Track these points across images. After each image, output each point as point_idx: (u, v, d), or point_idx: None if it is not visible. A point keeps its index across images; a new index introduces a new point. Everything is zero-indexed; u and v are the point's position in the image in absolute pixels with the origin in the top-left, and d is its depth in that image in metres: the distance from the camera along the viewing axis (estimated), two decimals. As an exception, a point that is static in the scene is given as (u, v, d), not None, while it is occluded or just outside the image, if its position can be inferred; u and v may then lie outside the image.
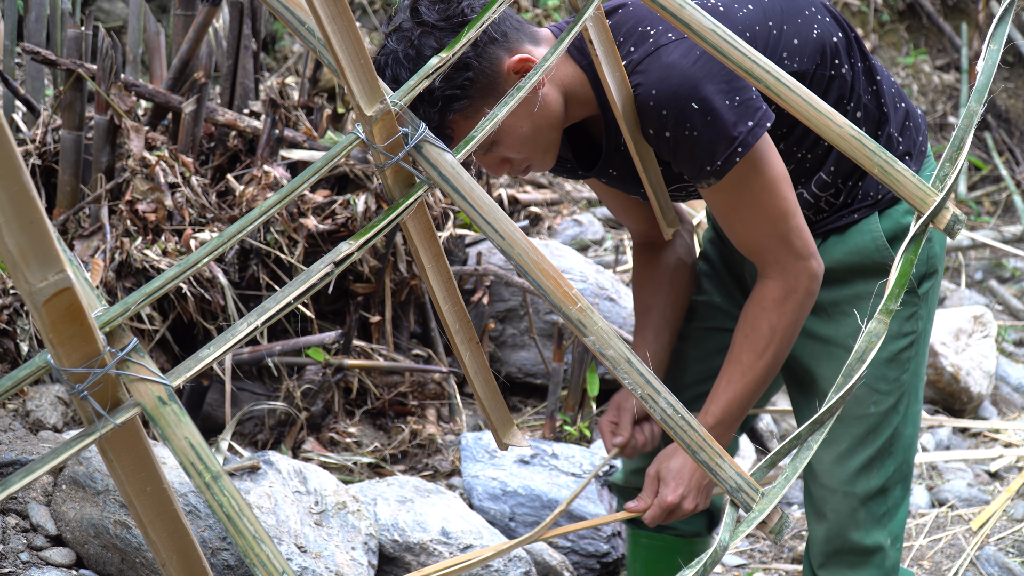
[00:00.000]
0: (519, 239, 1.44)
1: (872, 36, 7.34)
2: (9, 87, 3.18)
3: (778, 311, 1.90)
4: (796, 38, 1.91)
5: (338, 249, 1.35)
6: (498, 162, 1.89)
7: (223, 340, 1.28)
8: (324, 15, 1.25)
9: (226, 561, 2.25)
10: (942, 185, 1.48)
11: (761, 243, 1.89)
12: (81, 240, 3.04)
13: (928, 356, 4.10)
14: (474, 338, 1.62)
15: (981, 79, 1.54)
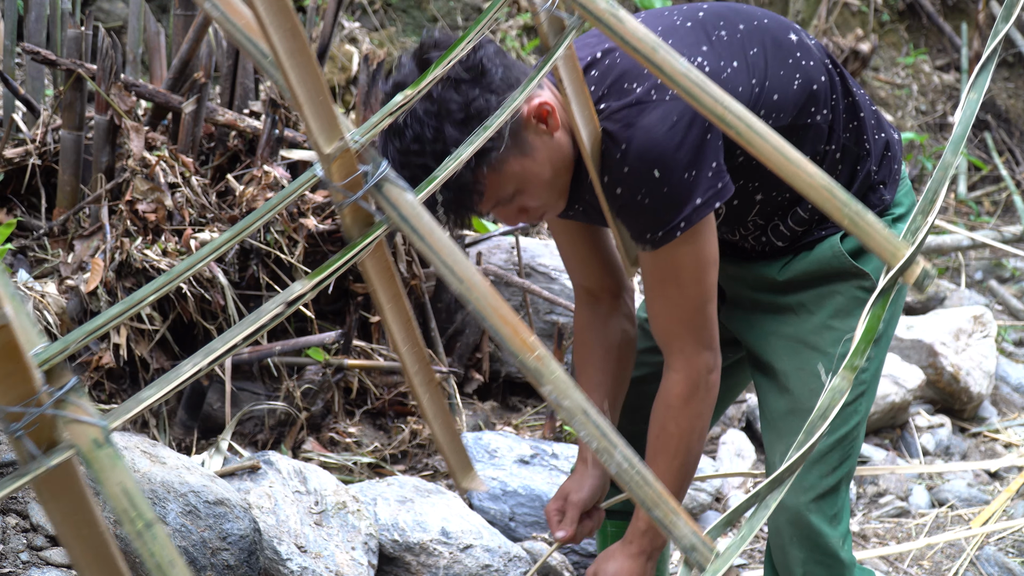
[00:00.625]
0: (478, 283, 1.40)
1: (872, 36, 7.34)
2: (9, 87, 3.18)
3: (685, 411, 1.93)
4: (777, 93, 1.91)
5: (291, 289, 1.31)
6: (517, 211, 1.88)
7: (166, 380, 1.25)
8: (282, 51, 1.22)
9: (226, 561, 2.25)
10: (913, 238, 1.44)
11: (673, 327, 1.91)
12: (81, 240, 3.04)
13: (928, 356, 4.12)
14: (434, 380, 1.58)
15: (958, 130, 1.51)
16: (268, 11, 1.19)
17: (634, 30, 1.50)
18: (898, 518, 3.44)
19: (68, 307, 2.89)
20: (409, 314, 1.51)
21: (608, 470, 1.43)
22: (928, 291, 1.56)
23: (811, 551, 2.05)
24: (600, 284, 2.16)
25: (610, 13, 1.51)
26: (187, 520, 2.25)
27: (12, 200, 3.20)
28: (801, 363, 2.05)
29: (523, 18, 5.89)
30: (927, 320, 4.37)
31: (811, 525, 2.04)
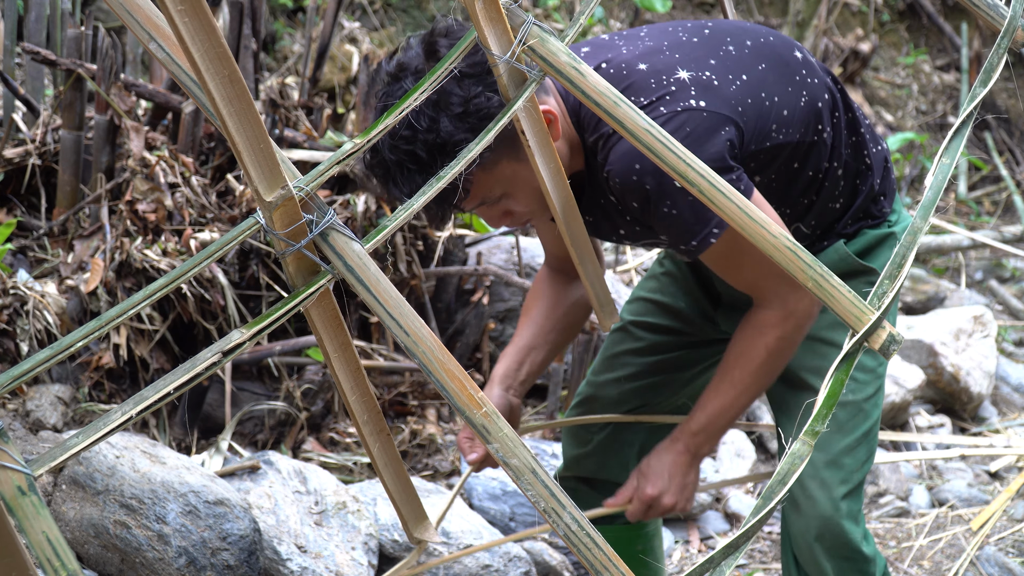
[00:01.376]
0: (425, 336, 1.38)
1: (872, 36, 7.34)
2: (9, 87, 3.18)
3: (775, 334, 1.91)
4: (786, 109, 1.90)
5: (228, 338, 1.29)
6: (500, 214, 1.86)
7: (94, 428, 1.23)
8: (219, 99, 1.19)
9: (226, 561, 2.25)
10: (879, 303, 1.42)
11: (758, 283, 1.90)
12: (81, 240, 3.04)
13: (928, 356, 4.12)
14: (384, 430, 1.55)
15: (928, 195, 1.47)
16: (204, 58, 1.15)
17: (595, 84, 1.47)
18: (898, 518, 3.43)
19: (68, 307, 2.89)
20: (358, 363, 1.47)
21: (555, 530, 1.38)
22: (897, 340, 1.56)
23: (843, 560, 2.04)
24: (569, 261, 2.13)
25: (571, 66, 1.48)
26: (187, 520, 2.25)
27: (12, 200, 3.20)
28: (819, 359, 2.06)
29: (523, 18, 5.89)
30: (927, 320, 4.37)
31: (843, 533, 2.03)
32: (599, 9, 6.34)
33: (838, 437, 2.05)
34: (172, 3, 1.12)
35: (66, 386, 2.82)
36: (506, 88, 1.52)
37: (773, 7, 7.68)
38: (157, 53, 1.33)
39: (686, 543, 3.20)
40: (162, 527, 2.22)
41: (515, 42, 1.48)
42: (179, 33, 1.13)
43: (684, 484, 2.02)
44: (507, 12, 1.48)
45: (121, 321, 1.29)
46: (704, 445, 2.01)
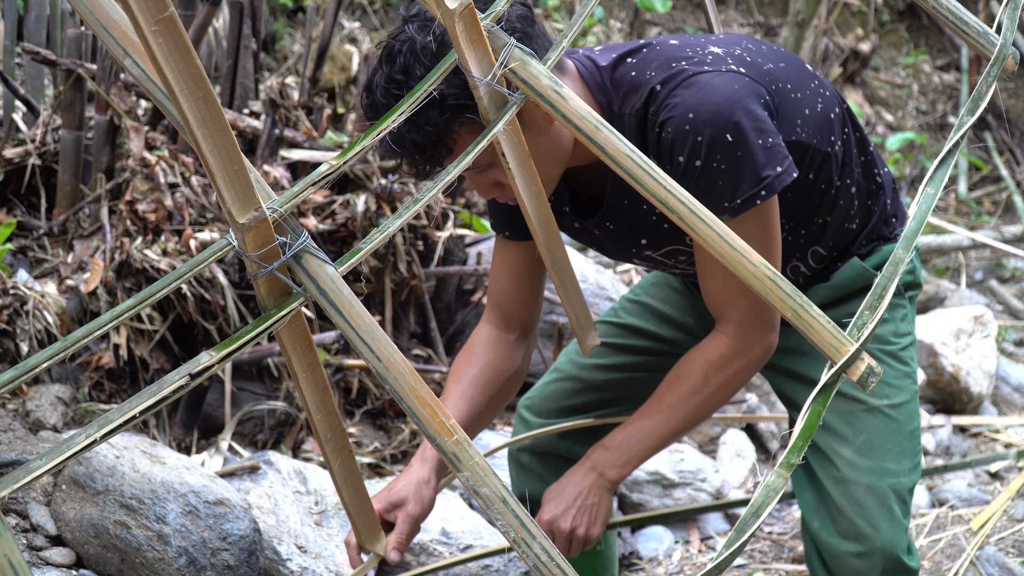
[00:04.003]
0: (397, 361, 1.36)
1: (872, 36, 7.34)
2: (9, 87, 3.18)
3: (718, 367, 1.85)
4: (807, 108, 1.89)
5: (197, 360, 1.28)
6: (490, 184, 1.80)
7: (57, 451, 1.21)
8: (193, 120, 1.18)
9: (226, 561, 2.25)
10: (859, 334, 1.40)
11: (734, 298, 1.83)
12: (81, 240, 3.04)
13: (928, 356, 4.12)
14: (346, 447, 1.52)
15: (911, 224, 1.45)
16: (178, 79, 1.14)
17: (577, 107, 1.45)
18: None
19: (68, 307, 2.89)
20: (326, 383, 1.46)
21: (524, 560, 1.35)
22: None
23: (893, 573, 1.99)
24: (520, 313, 2.08)
25: (553, 90, 1.47)
26: (187, 520, 2.25)
27: (12, 200, 3.20)
28: None
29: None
30: (927, 320, 4.37)
31: (902, 562, 1.97)
32: (599, 9, 6.33)
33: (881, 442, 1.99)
34: (146, 23, 1.10)
35: (66, 386, 2.82)
36: (487, 111, 1.49)
37: (773, 7, 7.68)
38: (132, 69, 1.32)
39: (686, 543, 3.20)
40: (162, 527, 2.22)
41: (496, 64, 1.46)
42: (152, 54, 1.12)
43: (584, 507, 1.89)
44: (489, 34, 1.46)
45: (119, 323, 1.29)
46: (613, 466, 1.89)
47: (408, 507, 1.89)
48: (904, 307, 2.07)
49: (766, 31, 7.42)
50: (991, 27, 1.61)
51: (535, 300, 2.08)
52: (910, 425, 2.02)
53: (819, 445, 2.05)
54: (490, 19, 1.47)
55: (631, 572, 3.03)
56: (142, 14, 1.10)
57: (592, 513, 1.90)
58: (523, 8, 1.72)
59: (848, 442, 2.00)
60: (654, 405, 1.89)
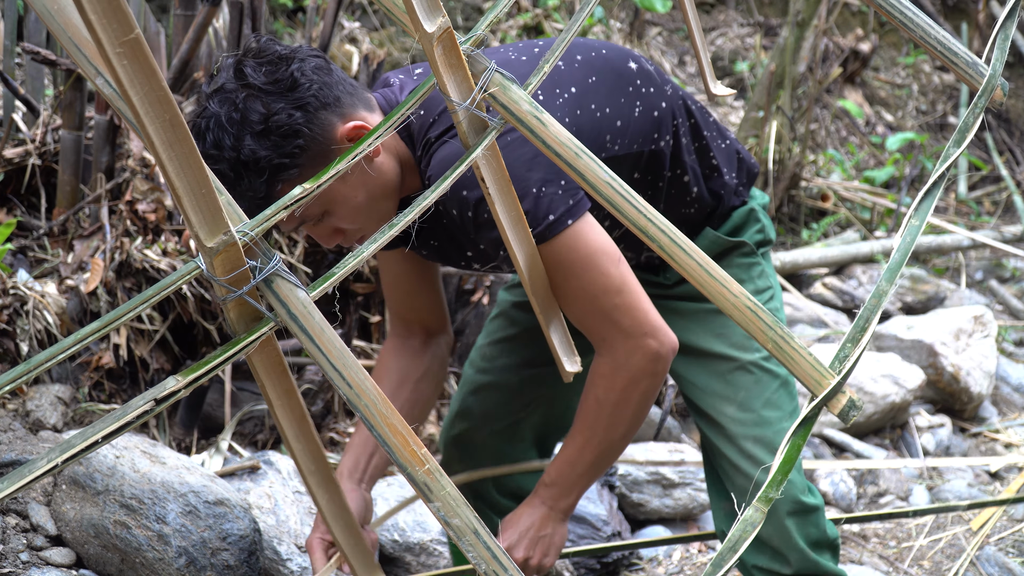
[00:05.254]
0: (368, 389, 1.34)
1: (872, 36, 7.34)
2: (9, 87, 3.18)
3: (605, 386, 1.86)
4: (619, 120, 1.89)
5: (163, 385, 1.26)
6: (330, 233, 1.82)
7: (19, 475, 1.19)
8: (159, 143, 1.15)
9: (226, 561, 2.25)
10: (840, 367, 1.37)
11: (586, 320, 1.84)
12: (81, 240, 3.04)
13: (928, 356, 4.11)
14: (332, 479, 1.49)
15: (896, 257, 1.43)
16: (143, 102, 1.12)
17: (557, 134, 1.45)
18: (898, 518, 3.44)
19: (68, 307, 2.89)
20: (303, 411, 1.43)
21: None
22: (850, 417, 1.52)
23: (798, 515, 2.06)
24: (418, 318, 2.12)
25: (533, 115, 1.46)
26: (187, 520, 2.25)
27: (12, 200, 3.20)
28: (715, 327, 2.09)
29: (523, 18, 5.89)
30: (927, 320, 4.37)
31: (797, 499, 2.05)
32: (599, 9, 6.33)
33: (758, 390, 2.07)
34: (110, 45, 1.08)
35: (66, 386, 2.82)
36: (465, 136, 1.48)
37: (773, 7, 7.67)
38: (104, 89, 1.30)
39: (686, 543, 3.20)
40: (162, 527, 2.22)
41: (476, 89, 1.45)
42: (117, 76, 1.10)
43: (537, 538, 1.95)
44: (469, 59, 1.45)
45: (119, 324, 1.29)
46: (560, 499, 1.95)
47: None
48: (759, 264, 2.14)
49: (766, 31, 7.42)
50: (991, 27, 1.60)
51: (430, 303, 2.14)
52: (781, 372, 2.10)
53: (703, 409, 2.12)
54: (469, 44, 1.46)
55: (631, 572, 3.03)
56: (106, 36, 1.08)
57: (545, 544, 1.96)
58: (318, 59, 1.74)
59: (729, 400, 2.08)
60: (572, 436, 1.93)
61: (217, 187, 1.25)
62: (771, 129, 5.44)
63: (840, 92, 7.10)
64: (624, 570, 3.01)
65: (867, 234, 5.77)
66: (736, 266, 2.12)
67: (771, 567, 2.09)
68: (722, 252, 2.11)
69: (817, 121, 6.66)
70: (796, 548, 2.06)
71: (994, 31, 1.63)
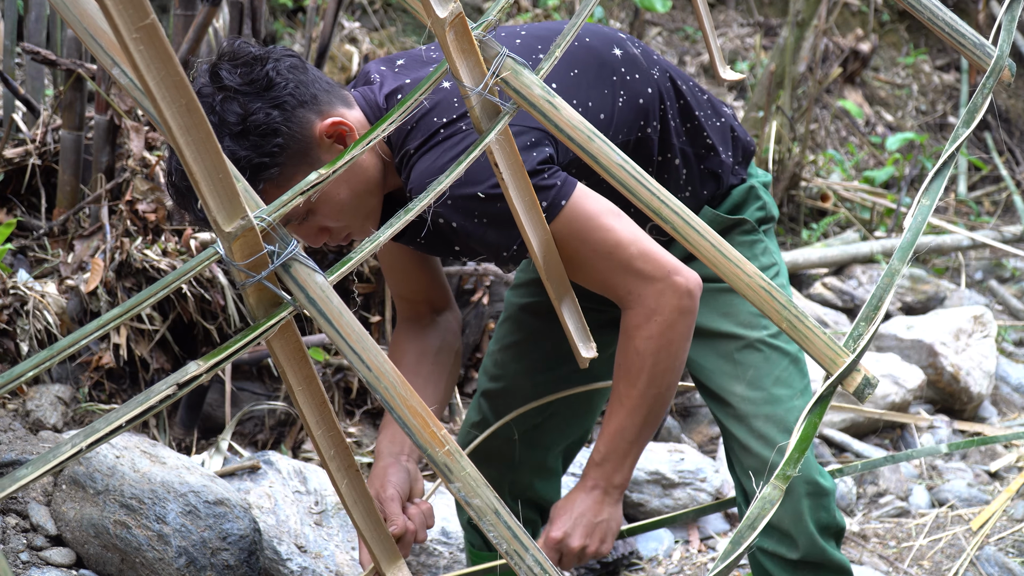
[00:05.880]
0: (387, 371, 1.34)
1: (872, 36, 7.33)
2: (9, 87, 3.18)
3: (641, 336, 1.83)
4: (602, 112, 1.88)
5: (185, 370, 1.26)
6: (316, 232, 1.82)
7: (43, 460, 1.20)
8: (176, 128, 1.16)
9: (226, 561, 2.25)
10: (855, 346, 1.37)
11: (607, 280, 1.82)
12: (81, 240, 3.04)
13: (928, 356, 4.12)
14: (352, 465, 1.48)
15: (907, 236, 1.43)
16: (160, 87, 1.13)
17: (569, 118, 1.44)
18: (898, 518, 3.44)
19: (68, 307, 2.89)
20: (323, 396, 1.43)
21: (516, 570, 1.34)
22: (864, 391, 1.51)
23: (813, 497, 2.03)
24: (422, 297, 2.12)
25: (545, 99, 1.45)
26: (187, 520, 2.25)
27: (12, 200, 3.20)
28: (721, 307, 2.08)
29: (523, 18, 5.89)
30: (927, 320, 4.37)
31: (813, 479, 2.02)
32: (599, 9, 6.34)
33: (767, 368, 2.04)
34: (127, 31, 1.09)
35: (66, 386, 2.82)
36: (479, 120, 1.49)
37: (773, 7, 7.67)
38: (120, 79, 1.30)
39: (686, 543, 3.20)
40: (162, 527, 2.22)
41: (488, 74, 1.45)
42: (134, 61, 1.10)
43: (593, 524, 1.91)
44: (480, 44, 1.45)
45: (119, 323, 1.29)
46: (614, 474, 1.90)
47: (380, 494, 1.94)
48: (762, 241, 2.12)
49: (766, 31, 7.42)
50: (991, 27, 1.60)
51: (431, 281, 2.13)
52: (792, 350, 2.07)
53: (712, 390, 2.09)
54: (481, 28, 1.46)
55: (631, 572, 3.03)
56: (122, 21, 1.08)
57: (603, 529, 1.92)
58: (293, 59, 1.74)
59: (738, 379, 2.04)
60: (614, 404, 1.89)
61: (234, 173, 1.25)
62: (771, 129, 5.44)
63: (840, 92, 7.10)
64: (624, 570, 3.01)
65: (867, 234, 5.77)
66: (738, 244, 2.09)
67: (777, 550, 2.05)
68: (723, 231, 2.07)
69: (817, 121, 6.66)
70: (806, 531, 2.03)
71: (1000, 13, 1.63)
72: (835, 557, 2.08)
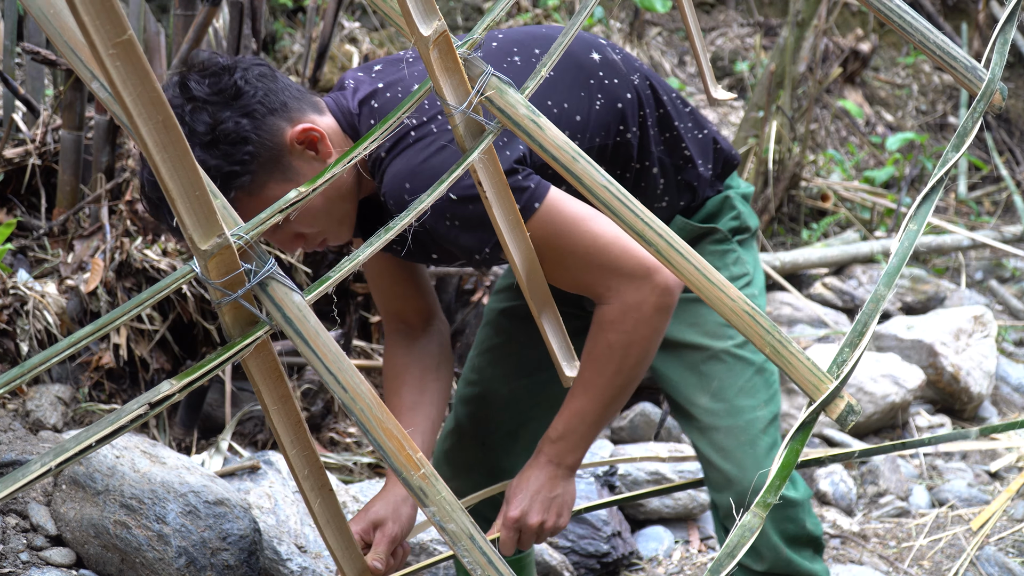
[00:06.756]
0: (364, 392, 1.33)
1: (872, 36, 7.33)
2: (9, 87, 3.18)
3: (616, 329, 1.83)
4: (578, 114, 1.88)
5: (157, 389, 1.25)
6: (291, 238, 1.82)
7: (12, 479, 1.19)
8: (152, 144, 1.15)
9: (226, 561, 2.25)
10: (838, 371, 1.35)
11: (585, 279, 1.82)
12: (81, 240, 3.04)
13: (928, 356, 4.12)
14: (326, 485, 1.48)
15: (893, 261, 1.41)
16: (136, 103, 1.12)
17: (554, 138, 1.43)
18: (898, 518, 3.44)
19: (68, 307, 2.89)
20: (299, 416, 1.42)
21: None
22: None
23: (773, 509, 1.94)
24: (411, 307, 2.10)
25: (530, 119, 1.44)
26: (187, 520, 2.25)
27: (12, 200, 3.20)
28: (688, 317, 2.06)
29: (523, 18, 5.89)
30: (927, 320, 4.37)
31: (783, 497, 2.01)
32: (599, 9, 6.33)
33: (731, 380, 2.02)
34: (103, 47, 1.07)
35: (66, 386, 2.82)
36: (462, 139, 1.48)
37: (773, 7, 7.67)
38: (99, 93, 1.29)
39: (686, 543, 3.20)
40: (162, 527, 2.22)
41: (472, 92, 1.44)
42: (110, 77, 1.09)
43: (549, 499, 1.91)
44: (465, 62, 1.44)
45: (119, 323, 1.29)
46: (568, 454, 1.90)
47: (387, 527, 1.93)
48: (734, 251, 2.10)
49: (766, 31, 7.42)
50: (991, 27, 1.59)
51: (418, 289, 2.11)
52: (758, 360, 2.05)
53: (678, 402, 2.09)
54: (466, 47, 1.45)
55: (631, 572, 3.03)
56: (99, 37, 1.07)
57: (559, 504, 1.92)
58: (262, 67, 1.75)
59: (702, 391, 2.04)
60: (578, 387, 1.88)
61: (212, 190, 1.24)
62: (771, 129, 5.44)
63: (840, 92, 7.10)
64: (624, 570, 3.01)
65: (867, 234, 5.77)
66: (708, 253, 2.08)
67: (743, 561, 2.03)
68: (693, 239, 2.06)
69: (817, 121, 6.66)
70: (769, 543, 2.02)
71: (993, 35, 1.61)
72: (803, 568, 2.06)
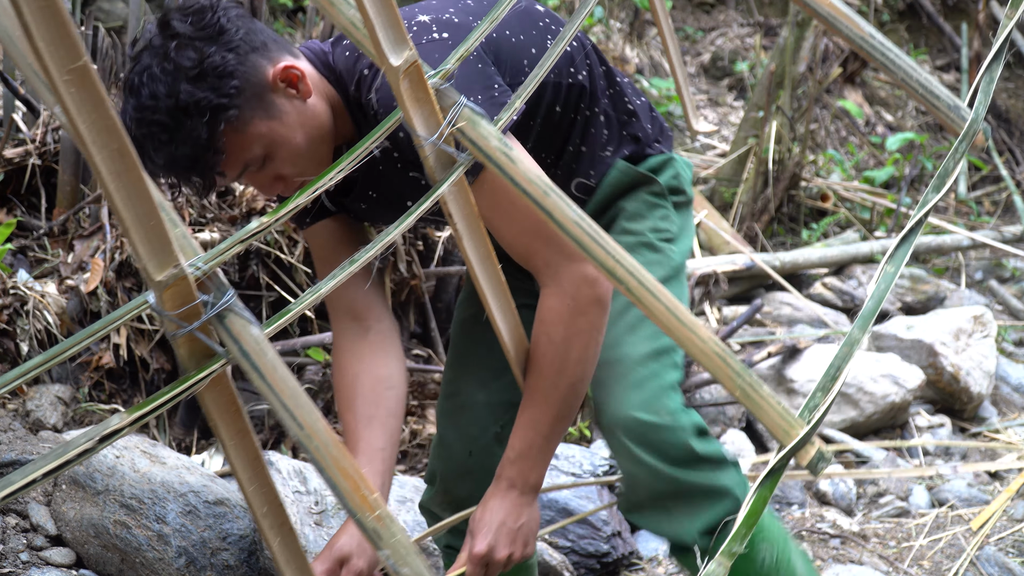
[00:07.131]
0: (320, 430, 1.29)
1: (872, 36, 7.33)
2: (9, 87, 3.18)
3: (553, 320, 1.79)
4: (534, 47, 1.90)
5: (107, 423, 1.23)
6: (271, 180, 1.81)
7: None
8: (106, 173, 1.12)
9: (226, 561, 2.25)
10: (810, 417, 1.31)
11: (528, 244, 1.79)
12: (81, 240, 3.04)
13: (928, 356, 4.12)
14: (286, 523, 1.44)
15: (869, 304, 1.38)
16: (91, 131, 1.10)
17: (526, 171, 1.41)
18: (898, 518, 3.44)
19: (68, 307, 2.89)
20: (257, 451, 1.39)
21: None
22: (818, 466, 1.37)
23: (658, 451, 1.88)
24: (367, 305, 2.03)
25: (502, 151, 1.41)
26: (187, 520, 2.25)
27: (12, 200, 3.20)
28: None
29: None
30: (927, 320, 4.37)
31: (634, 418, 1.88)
32: (599, 9, 6.34)
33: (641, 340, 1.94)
34: (57, 73, 1.06)
35: (66, 386, 2.82)
36: (432, 170, 1.45)
37: (773, 7, 7.68)
38: (62, 117, 1.29)
39: (686, 543, 3.20)
40: (162, 527, 2.22)
41: (444, 124, 1.42)
42: (64, 104, 1.08)
43: (514, 531, 1.85)
44: (437, 93, 1.42)
45: (119, 324, 1.28)
46: (530, 473, 1.84)
47: (352, 563, 1.89)
48: (665, 207, 2.06)
49: (766, 31, 7.42)
50: (991, 27, 1.58)
51: (373, 285, 2.05)
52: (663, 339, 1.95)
53: None
54: (439, 77, 1.44)
55: (631, 572, 3.03)
56: (53, 63, 1.06)
57: (524, 533, 1.87)
58: (239, 8, 1.77)
59: (632, 342, 1.95)
60: (529, 399, 1.84)
61: (171, 219, 1.21)
62: (771, 129, 5.44)
63: (840, 92, 7.10)
64: (624, 570, 3.01)
65: (867, 234, 5.77)
66: (640, 200, 2.05)
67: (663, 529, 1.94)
68: (631, 184, 2.03)
69: (817, 121, 6.66)
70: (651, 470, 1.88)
71: (978, 75, 1.59)
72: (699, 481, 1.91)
